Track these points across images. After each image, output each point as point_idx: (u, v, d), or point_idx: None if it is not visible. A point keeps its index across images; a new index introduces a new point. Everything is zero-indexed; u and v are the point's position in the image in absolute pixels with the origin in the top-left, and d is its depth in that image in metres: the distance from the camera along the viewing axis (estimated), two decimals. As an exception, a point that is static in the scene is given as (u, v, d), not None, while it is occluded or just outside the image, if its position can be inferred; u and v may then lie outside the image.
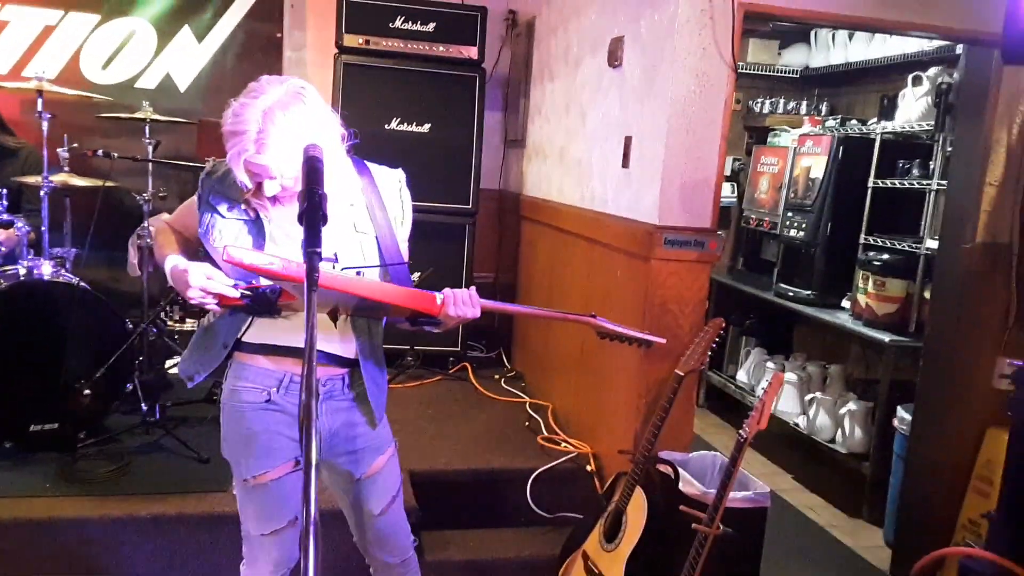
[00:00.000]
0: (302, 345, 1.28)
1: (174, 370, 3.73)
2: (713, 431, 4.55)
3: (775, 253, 4.58)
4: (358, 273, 1.68)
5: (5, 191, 2.99)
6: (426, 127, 4.12)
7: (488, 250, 4.73)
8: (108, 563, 2.42)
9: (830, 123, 4.34)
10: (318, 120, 1.62)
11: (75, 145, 3.28)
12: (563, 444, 3.18)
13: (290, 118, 1.56)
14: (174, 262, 1.62)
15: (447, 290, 1.69)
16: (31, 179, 3.14)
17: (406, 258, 1.81)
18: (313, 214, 1.28)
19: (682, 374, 2.42)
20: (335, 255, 1.68)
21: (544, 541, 2.76)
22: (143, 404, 3.02)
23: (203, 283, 1.55)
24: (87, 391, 2.80)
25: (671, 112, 2.64)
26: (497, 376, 4.10)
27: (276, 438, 1.75)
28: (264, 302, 1.58)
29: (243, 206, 1.68)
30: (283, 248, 1.66)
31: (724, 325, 2.49)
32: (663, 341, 2.02)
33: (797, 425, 4.03)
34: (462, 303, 1.68)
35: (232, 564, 1.94)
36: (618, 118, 3.08)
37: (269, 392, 1.73)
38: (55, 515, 2.39)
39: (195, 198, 1.76)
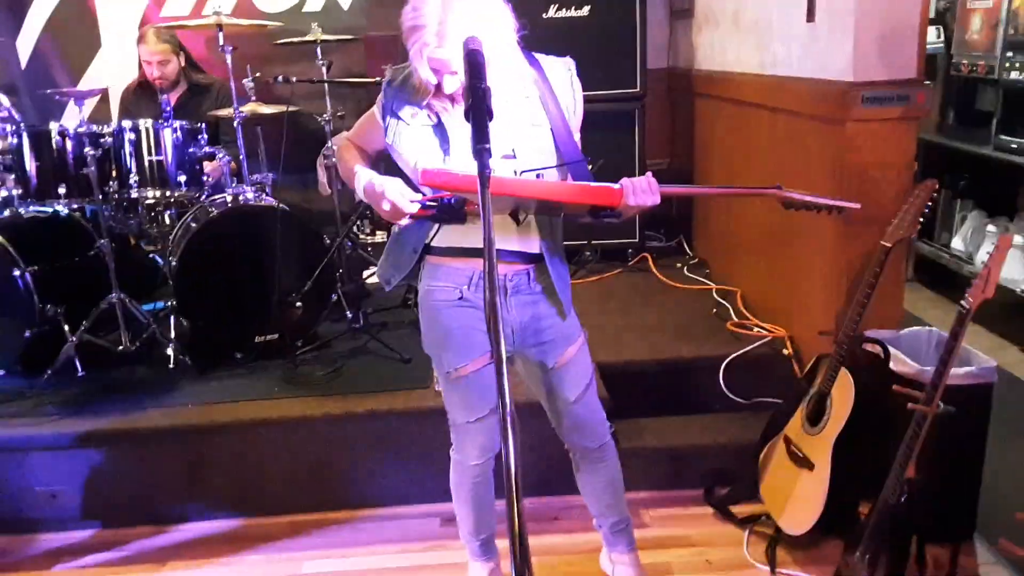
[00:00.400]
0: None
1: (371, 280, 3.97)
2: (925, 305, 4.20)
3: (993, 101, 4.01)
4: (537, 175, 1.65)
5: (204, 125, 3.22)
6: (585, 10, 3.93)
7: (660, 134, 4.53)
8: (332, 453, 2.67)
9: (1063, -63, 3.65)
10: (494, 8, 1.59)
11: (258, 75, 3.46)
12: (755, 329, 3.05)
13: (468, 6, 1.54)
14: (367, 179, 1.67)
15: (625, 180, 1.65)
16: (224, 112, 3.36)
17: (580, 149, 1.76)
18: (479, 110, 1.25)
19: (889, 245, 2.21)
20: (513, 151, 1.67)
21: (742, 427, 2.70)
22: (348, 312, 3.24)
23: (397, 200, 1.60)
24: (299, 304, 3.06)
25: (863, -50, 2.32)
26: (679, 264, 4.00)
27: (471, 333, 1.81)
28: (451, 212, 1.62)
29: (426, 111, 1.68)
30: (464, 151, 1.66)
31: (936, 187, 2.23)
32: (857, 206, 1.89)
33: (1024, 293, 3.62)
34: (641, 191, 1.64)
35: (439, 449, 2.07)
36: (800, -33, 2.76)
37: (460, 290, 1.79)
38: (284, 415, 2.65)
39: (373, 111, 1.79)
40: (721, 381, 2.82)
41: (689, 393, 2.89)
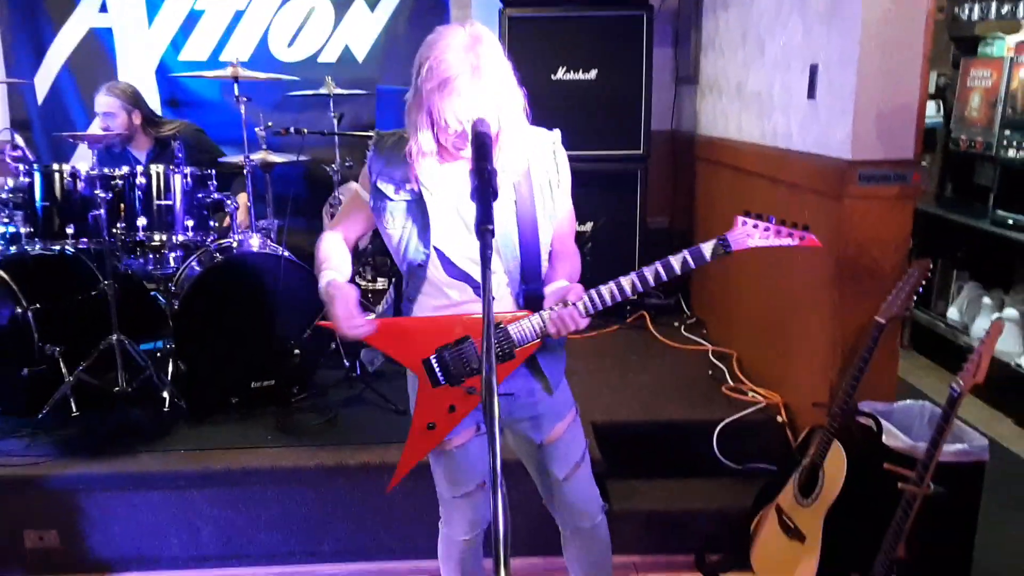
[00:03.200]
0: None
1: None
2: (921, 374, 4.21)
3: (991, 177, 4.08)
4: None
5: (214, 172, 3.27)
6: (593, 73, 4.04)
7: (662, 194, 4.60)
8: (323, 506, 2.66)
9: (1057, 23, 3.76)
10: (506, 59, 1.60)
11: (270, 124, 3.53)
12: (750, 394, 3.07)
13: (491, 47, 1.56)
14: (324, 281, 1.71)
15: (549, 313, 1.66)
16: (235, 159, 3.42)
17: (561, 221, 1.77)
18: (485, 191, 1.28)
19: (884, 321, 2.24)
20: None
21: (734, 493, 2.69)
22: (345, 361, 3.26)
23: (340, 323, 1.66)
24: (297, 351, 3.07)
25: (863, 34, 2.40)
26: (676, 324, 4.02)
27: None
28: None
29: (407, 185, 1.69)
30: (446, 224, 1.69)
31: (931, 266, 2.27)
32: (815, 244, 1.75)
33: (1019, 366, 3.64)
34: (563, 323, 1.65)
35: (431, 506, 2.05)
36: (801, 45, 2.84)
37: None
38: (277, 464, 2.65)
39: (358, 193, 1.79)
40: (715, 445, 2.82)
41: (682, 456, 2.88)
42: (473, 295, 1.72)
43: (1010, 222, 3.79)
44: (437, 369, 1.73)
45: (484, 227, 1.25)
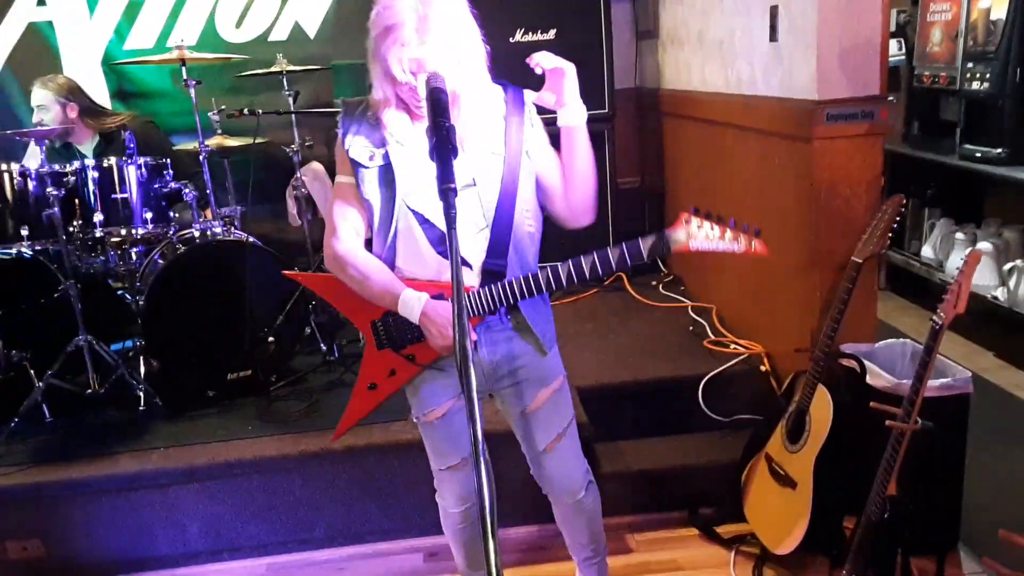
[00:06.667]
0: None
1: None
2: (898, 314, 4.24)
3: (956, 111, 4.07)
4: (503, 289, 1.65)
5: (169, 161, 3.16)
6: (551, 33, 3.95)
7: (631, 154, 4.55)
8: (311, 492, 2.62)
9: (1014, -51, 3.72)
10: (468, 11, 1.54)
11: (223, 107, 3.41)
12: (732, 346, 3.06)
13: (446, 3, 1.49)
14: (421, 301, 1.63)
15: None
16: (190, 146, 3.31)
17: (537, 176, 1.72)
18: (444, 148, 1.23)
19: (860, 261, 2.23)
20: (473, 180, 1.63)
21: (722, 446, 2.69)
22: (322, 344, 3.20)
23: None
24: (272, 338, 3.01)
25: (821, -31, 2.35)
26: (655, 282, 4.00)
27: (437, 375, 1.76)
28: None
29: (380, 149, 1.62)
30: (423, 186, 1.62)
31: (904, 202, 2.25)
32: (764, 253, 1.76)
33: (996, 298, 3.67)
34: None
35: (420, 483, 2.02)
36: (760, -14, 2.79)
37: None
38: (260, 454, 2.60)
39: (347, 182, 1.68)
40: (700, 400, 2.81)
41: (669, 413, 2.87)
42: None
43: (977, 155, 3.79)
44: (382, 333, 1.74)
45: (446, 186, 1.19)
